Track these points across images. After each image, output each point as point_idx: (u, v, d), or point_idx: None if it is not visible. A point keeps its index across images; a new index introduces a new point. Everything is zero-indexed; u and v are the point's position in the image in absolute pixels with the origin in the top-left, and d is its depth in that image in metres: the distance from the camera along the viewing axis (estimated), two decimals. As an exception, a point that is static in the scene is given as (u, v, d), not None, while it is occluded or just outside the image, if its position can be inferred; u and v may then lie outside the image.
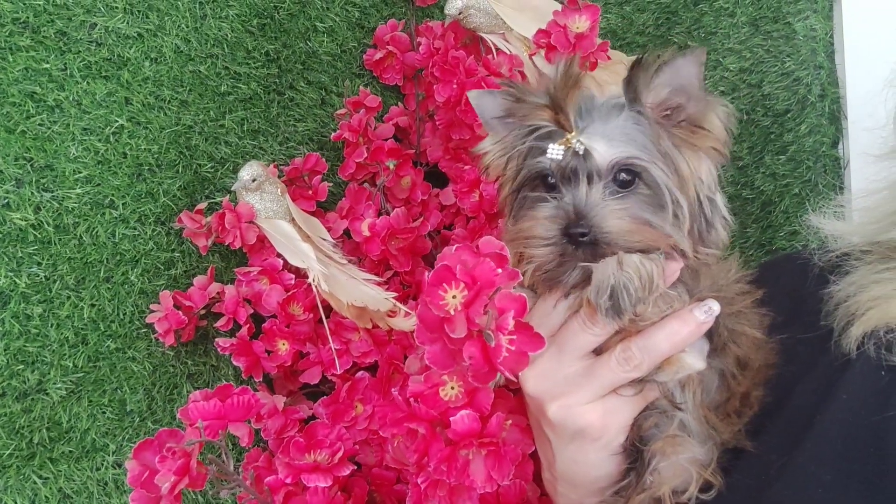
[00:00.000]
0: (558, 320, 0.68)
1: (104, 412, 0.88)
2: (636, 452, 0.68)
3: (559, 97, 0.64)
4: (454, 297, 0.58)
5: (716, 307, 0.64)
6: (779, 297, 0.74)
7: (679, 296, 0.65)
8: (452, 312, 0.58)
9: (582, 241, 0.62)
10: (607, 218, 0.62)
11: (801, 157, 1.16)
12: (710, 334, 0.67)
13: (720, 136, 0.65)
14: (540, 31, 0.92)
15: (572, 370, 0.67)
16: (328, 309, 0.94)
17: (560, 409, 0.67)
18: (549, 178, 0.65)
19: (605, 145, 0.63)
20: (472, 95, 0.72)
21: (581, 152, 0.63)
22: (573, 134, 0.63)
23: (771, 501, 0.61)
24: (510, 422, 0.71)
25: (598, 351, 0.67)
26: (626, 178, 0.64)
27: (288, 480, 0.74)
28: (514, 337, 0.58)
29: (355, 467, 0.88)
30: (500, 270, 0.59)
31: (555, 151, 0.63)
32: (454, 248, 0.60)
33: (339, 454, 0.76)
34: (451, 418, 0.65)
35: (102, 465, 0.87)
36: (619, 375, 0.65)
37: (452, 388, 0.66)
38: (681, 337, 0.64)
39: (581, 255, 0.63)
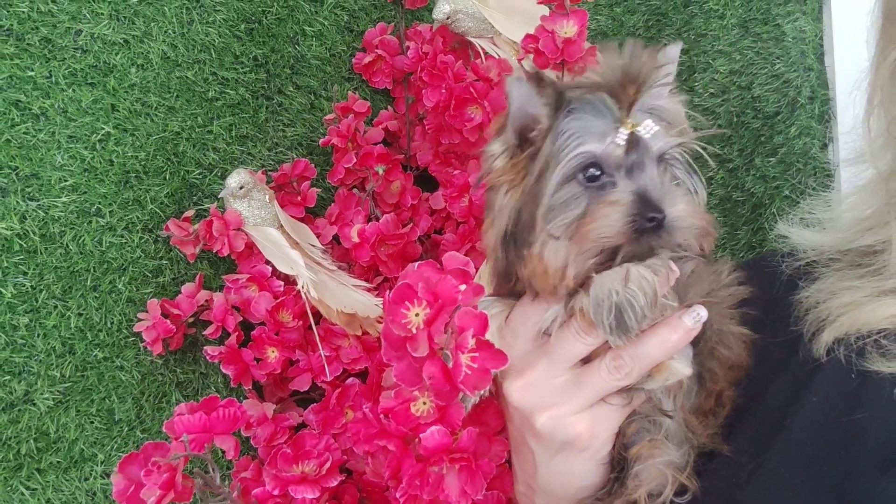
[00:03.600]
0: (541, 326, 0.67)
1: (92, 422, 0.87)
2: (622, 460, 0.68)
3: (638, 73, 0.62)
4: (417, 315, 0.58)
5: (703, 313, 0.64)
6: (750, 300, 0.75)
7: (670, 303, 0.65)
8: (414, 331, 0.57)
9: (650, 226, 0.60)
10: (677, 202, 0.62)
11: (792, 160, 1.16)
12: (696, 339, 0.67)
13: None
14: (528, 35, 0.91)
15: (561, 380, 0.66)
16: (318, 316, 0.94)
17: (549, 420, 0.66)
18: (590, 171, 0.63)
19: (655, 134, 0.63)
20: (508, 82, 0.66)
21: (648, 136, 0.62)
22: (631, 119, 0.62)
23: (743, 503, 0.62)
24: (478, 432, 0.70)
25: (587, 359, 0.67)
26: (666, 167, 0.64)
27: (276, 492, 0.73)
28: (476, 355, 0.58)
29: (344, 475, 0.88)
30: (463, 287, 0.58)
31: (621, 136, 0.62)
32: (417, 265, 0.59)
33: (328, 465, 0.76)
34: (421, 434, 0.65)
35: (91, 475, 0.87)
36: (609, 384, 0.65)
37: (424, 403, 0.65)
38: (671, 344, 0.64)
39: (644, 244, 0.61)
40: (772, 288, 0.76)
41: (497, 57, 1.01)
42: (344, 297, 0.94)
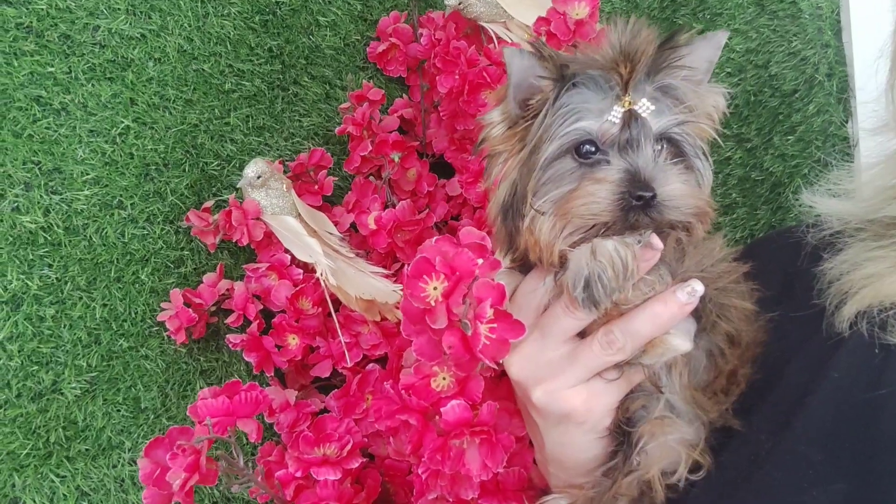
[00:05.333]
0: (542, 301, 0.67)
1: (119, 410, 0.89)
2: (623, 434, 0.68)
3: (634, 51, 0.62)
4: (435, 288, 0.59)
5: (699, 288, 0.63)
6: (770, 274, 0.73)
7: (661, 277, 0.64)
8: (433, 304, 0.58)
9: (638, 204, 0.60)
10: (671, 181, 0.61)
11: (810, 138, 1.15)
12: (698, 314, 0.66)
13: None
14: (540, 18, 0.91)
15: (556, 354, 0.67)
16: (337, 303, 0.95)
17: (544, 394, 0.67)
18: (585, 147, 0.63)
19: (655, 112, 0.63)
20: (508, 53, 0.66)
21: (646, 115, 0.62)
22: (629, 97, 0.62)
23: (761, 482, 0.61)
24: (498, 406, 0.71)
25: (583, 333, 0.67)
26: (666, 145, 0.64)
27: (298, 474, 0.74)
28: (495, 325, 0.59)
29: (367, 459, 0.89)
30: (480, 260, 0.59)
31: (616, 114, 0.62)
32: (434, 239, 0.60)
33: (348, 447, 0.77)
34: (441, 409, 0.66)
35: (119, 462, 0.89)
36: (602, 359, 0.65)
37: (444, 378, 0.67)
38: (663, 319, 0.63)
39: (631, 221, 0.61)
40: (796, 259, 0.74)
41: (510, 41, 1.01)
42: (362, 283, 0.95)
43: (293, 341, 0.93)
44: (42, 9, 0.87)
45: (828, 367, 0.62)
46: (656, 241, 0.62)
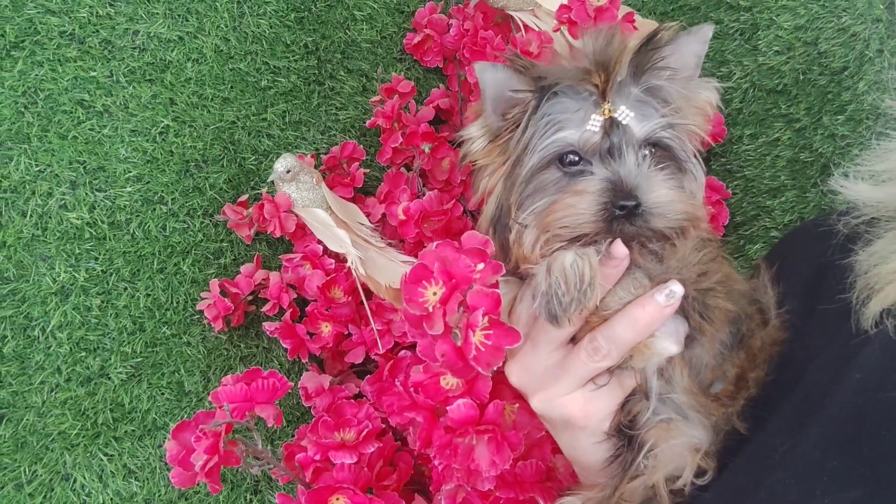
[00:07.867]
0: (532, 311, 0.68)
1: (163, 393, 0.95)
2: (625, 437, 0.67)
3: (608, 59, 0.62)
4: (434, 293, 0.60)
5: (678, 289, 0.62)
6: (801, 267, 0.71)
7: (637, 281, 0.64)
8: (431, 309, 0.59)
9: (621, 214, 0.60)
10: (656, 188, 0.61)
11: (861, 117, 1.10)
12: (685, 315, 0.65)
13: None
14: (562, 6, 0.91)
15: (549, 363, 0.67)
16: (368, 292, 0.98)
17: (541, 402, 0.69)
18: (569, 157, 0.63)
19: (637, 118, 0.62)
20: (478, 67, 0.67)
21: (626, 122, 0.61)
22: (608, 104, 0.61)
23: (771, 490, 0.57)
24: (517, 406, 0.72)
25: (575, 339, 0.68)
26: (653, 150, 0.64)
27: (317, 457, 0.78)
28: (490, 332, 0.59)
29: (400, 443, 0.91)
30: (481, 265, 0.59)
31: (595, 123, 0.62)
32: (435, 244, 0.61)
33: (365, 432, 0.80)
34: (448, 407, 0.67)
35: (164, 442, 0.94)
36: (590, 366, 0.65)
37: (453, 377, 0.68)
38: (643, 323, 0.63)
39: (615, 231, 0.61)
40: (825, 251, 0.69)
41: (538, 29, 1.01)
42: (392, 273, 0.97)
43: (326, 329, 0.97)
44: (84, 16, 0.92)
45: (850, 368, 0.58)
46: (618, 249, 0.62)
